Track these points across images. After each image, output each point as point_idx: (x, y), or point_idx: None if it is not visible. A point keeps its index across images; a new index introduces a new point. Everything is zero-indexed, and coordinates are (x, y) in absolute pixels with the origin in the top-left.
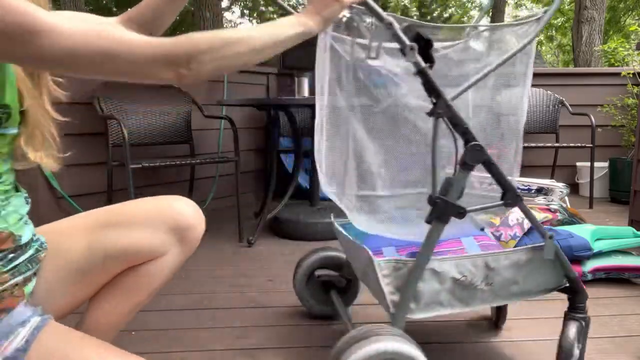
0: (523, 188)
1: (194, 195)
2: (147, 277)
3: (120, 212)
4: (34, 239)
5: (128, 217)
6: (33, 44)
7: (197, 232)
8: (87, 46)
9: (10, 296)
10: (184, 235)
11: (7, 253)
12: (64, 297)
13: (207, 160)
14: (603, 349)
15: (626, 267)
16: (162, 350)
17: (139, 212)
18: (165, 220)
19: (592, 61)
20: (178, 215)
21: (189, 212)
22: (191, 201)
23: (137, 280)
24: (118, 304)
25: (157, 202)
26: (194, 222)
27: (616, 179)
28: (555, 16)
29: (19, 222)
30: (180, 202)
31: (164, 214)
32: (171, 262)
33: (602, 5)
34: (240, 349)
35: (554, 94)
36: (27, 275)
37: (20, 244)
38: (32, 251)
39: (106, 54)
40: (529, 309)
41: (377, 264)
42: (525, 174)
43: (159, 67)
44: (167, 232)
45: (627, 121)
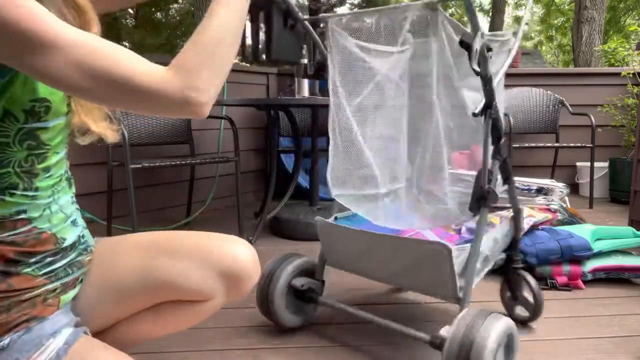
0: (523, 188)
1: (194, 195)
2: (186, 315)
3: (178, 243)
4: (81, 241)
5: (185, 251)
6: (44, 56)
7: (250, 283)
8: (100, 73)
9: (42, 304)
10: (235, 285)
11: (46, 256)
12: (102, 314)
13: (207, 160)
14: (603, 349)
15: (626, 267)
16: (162, 350)
17: (197, 249)
18: (221, 267)
19: (592, 61)
20: (235, 265)
21: (247, 262)
22: (250, 247)
23: (176, 314)
24: (151, 328)
25: (217, 244)
26: (249, 273)
27: (616, 179)
28: (555, 16)
29: (65, 222)
30: (240, 249)
31: (223, 261)
32: (214, 308)
33: (602, 5)
34: (240, 349)
35: (554, 94)
36: (67, 281)
37: (63, 246)
38: (74, 254)
39: (121, 88)
40: None
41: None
42: (525, 174)
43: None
44: (219, 279)
45: (627, 121)
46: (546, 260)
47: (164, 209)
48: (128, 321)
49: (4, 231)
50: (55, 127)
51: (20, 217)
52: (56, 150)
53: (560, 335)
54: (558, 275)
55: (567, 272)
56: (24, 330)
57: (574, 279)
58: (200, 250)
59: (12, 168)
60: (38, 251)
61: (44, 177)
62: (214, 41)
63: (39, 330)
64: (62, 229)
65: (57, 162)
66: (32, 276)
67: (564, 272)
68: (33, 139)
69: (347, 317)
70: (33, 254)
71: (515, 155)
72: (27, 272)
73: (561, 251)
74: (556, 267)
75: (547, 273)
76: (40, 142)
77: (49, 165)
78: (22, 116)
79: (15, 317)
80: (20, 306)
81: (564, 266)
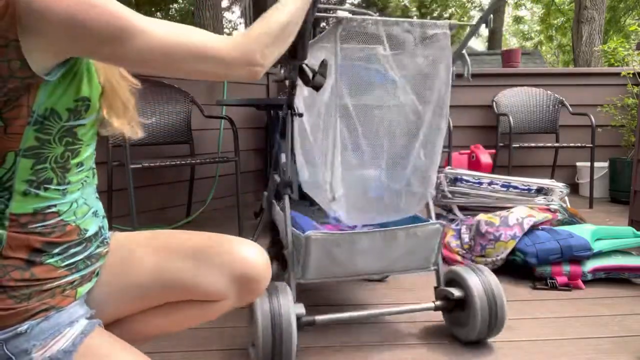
0: (523, 188)
1: (194, 195)
2: (197, 314)
3: (194, 244)
4: (101, 232)
5: (200, 251)
6: (124, 45)
7: (262, 286)
8: (179, 49)
9: (61, 294)
10: (248, 287)
11: (69, 247)
12: (114, 309)
13: (207, 160)
14: (603, 349)
15: (626, 267)
16: (162, 350)
17: (212, 251)
18: (236, 270)
19: (592, 61)
20: (249, 269)
21: (260, 266)
22: (263, 252)
23: (187, 312)
24: (161, 323)
25: (232, 247)
26: (262, 276)
27: (616, 179)
28: (555, 16)
29: (87, 214)
30: (254, 253)
31: (238, 264)
32: (225, 308)
33: (602, 5)
34: (240, 349)
35: (554, 94)
36: (85, 274)
37: (86, 236)
38: (94, 247)
39: (195, 57)
40: (529, 309)
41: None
42: (525, 174)
43: (238, 69)
44: (232, 281)
45: (627, 121)
46: (546, 260)
47: (164, 209)
48: (139, 315)
49: (34, 223)
50: (90, 123)
51: (50, 211)
52: (88, 143)
53: (560, 335)
54: (558, 275)
55: (567, 272)
56: (42, 318)
57: (574, 279)
58: (215, 252)
59: (49, 164)
60: (63, 241)
61: (76, 171)
62: (279, 23)
63: (57, 319)
64: (85, 220)
65: (88, 155)
66: (54, 267)
67: (564, 272)
68: (71, 136)
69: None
70: (58, 244)
71: (515, 155)
72: (50, 263)
73: (561, 251)
74: (556, 267)
75: (547, 273)
76: (76, 138)
77: (81, 160)
78: (65, 114)
79: (35, 306)
80: (41, 295)
81: (564, 266)
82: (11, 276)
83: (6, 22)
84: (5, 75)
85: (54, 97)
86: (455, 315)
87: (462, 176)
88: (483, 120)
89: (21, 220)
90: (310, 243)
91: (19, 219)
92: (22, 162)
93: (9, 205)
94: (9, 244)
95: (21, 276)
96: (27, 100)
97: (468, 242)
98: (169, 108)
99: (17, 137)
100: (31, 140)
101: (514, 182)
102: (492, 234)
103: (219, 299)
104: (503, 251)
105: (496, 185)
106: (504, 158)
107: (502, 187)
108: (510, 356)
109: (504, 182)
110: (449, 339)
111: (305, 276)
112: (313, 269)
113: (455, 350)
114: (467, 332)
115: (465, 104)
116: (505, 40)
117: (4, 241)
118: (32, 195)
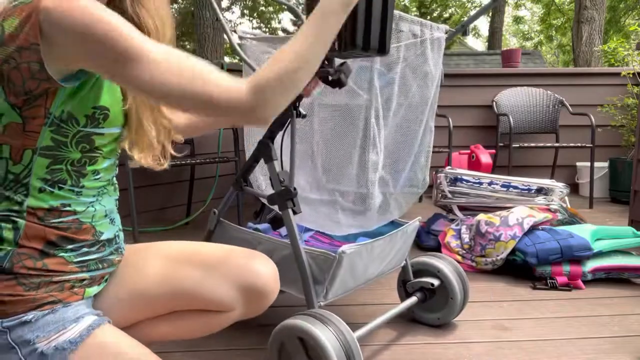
0: (523, 188)
1: (194, 195)
2: (203, 323)
3: (204, 256)
4: (116, 240)
5: (209, 262)
6: (127, 68)
7: (269, 299)
8: (178, 86)
9: (69, 290)
10: (255, 300)
11: (83, 245)
12: (121, 315)
13: (207, 160)
14: (603, 349)
15: (626, 267)
16: (162, 350)
17: (222, 263)
18: (243, 280)
19: (592, 61)
20: (258, 281)
21: (269, 279)
22: (272, 265)
23: (193, 321)
24: (166, 330)
25: (242, 259)
26: (270, 289)
27: (616, 179)
28: (555, 16)
29: (104, 218)
30: (264, 266)
31: (246, 276)
32: (231, 319)
33: (602, 5)
34: (240, 349)
35: (554, 94)
36: (95, 275)
37: (100, 239)
38: (108, 251)
39: (201, 103)
40: (529, 309)
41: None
42: (525, 174)
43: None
44: (240, 292)
45: (627, 121)
46: (546, 260)
47: (164, 209)
48: (146, 320)
49: (52, 217)
50: (109, 135)
51: (66, 209)
52: (108, 156)
53: (560, 335)
54: (558, 275)
55: (567, 272)
56: (48, 310)
57: (574, 279)
58: (225, 264)
59: (65, 165)
60: (77, 239)
61: (92, 179)
62: (296, 64)
63: (63, 313)
64: (102, 223)
65: (106, 167)
66: (66, 261)
67: (564, 272)
68: (88, 142)
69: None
70: (73, 240)
71: (515, 155)
72: (63, 256)
73: (561, 251)
74: (556, 267)
75: (547, 273)
76: (94, 147)
77: (98, 169)
78: (83, 120)
79: (42, 297)
80: (49, 287)
81: (564, 266)
82: (24, 264)
83: (30, 28)
84: (26, 76)
85: (72, 102)
86: (428, 303)
87: (462, 176)
88: (483, 120)
89: (38, 214)
90: (343, 259)
91: (36, 212)
92: (38, 160)
93: (26, 200)
94: (26, 233)
95: (34, 265)
96: (45, 102)
97: (468, 242)
98: None
99: (35, 136)
100: (47, 140)
101: (514, 182)
102: (492, 234)
103: (226, 309)
104: (503, 251)
105: (496, 185)
106: (504, 158)
107: (502, 187)
108: (510, 356)
109: (504, 182)
110: (451, 338)
111: (327, 297)
112: (336, 288)
113: (456, 350)
114: (443, 315)
115: (465, 104)
116: (505, 40)
117: (22, 230)
118: (47, 192)
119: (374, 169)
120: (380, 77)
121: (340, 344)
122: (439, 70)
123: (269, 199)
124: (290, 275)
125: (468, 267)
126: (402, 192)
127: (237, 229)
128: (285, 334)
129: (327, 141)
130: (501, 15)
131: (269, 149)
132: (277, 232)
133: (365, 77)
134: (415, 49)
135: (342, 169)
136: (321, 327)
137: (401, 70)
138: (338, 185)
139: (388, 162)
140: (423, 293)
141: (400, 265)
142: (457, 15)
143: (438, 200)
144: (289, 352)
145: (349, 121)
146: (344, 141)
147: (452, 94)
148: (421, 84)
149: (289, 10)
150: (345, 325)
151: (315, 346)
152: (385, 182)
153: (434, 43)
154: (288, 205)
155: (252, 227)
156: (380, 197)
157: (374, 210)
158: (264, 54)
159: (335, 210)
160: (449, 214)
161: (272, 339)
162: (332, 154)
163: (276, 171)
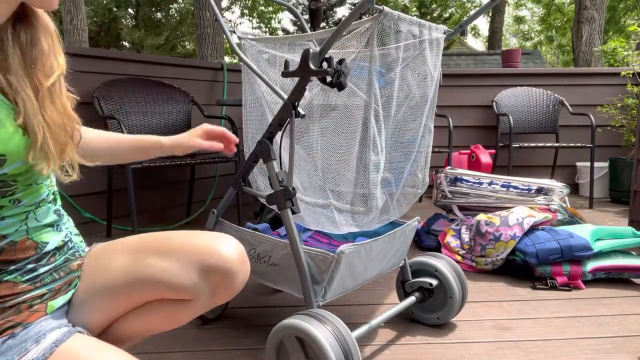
0: (523, 188)
1: (194, 195)
2: (171, 314)
3: (166, 242)
4: (68, 245)
5: (171, 247)
6: None
7: (237, 280)
8: None
9: (28, 310)
10: (221, 283)
11: (27, 263)
12: (94, 315)
13: (207, 160)
14: (603, 349)
15: (626, 267)
16: (162, 350)
17: (183, 247)
18: (204, 262)
19: (592, 61)
20: (219, 261)
21: (231, 259)
22: (238, 244)
23: (160, 313)
24: (137, 326)
25: (203, 241)
26: (234, 270)
27: (616, 179)
28: (555, 16)
29: (45, 228)
30: (225, 245)
31: (206, 257)
32: (200, 307)
33: (602, 5)
34: (240, 349)
35: (554, 94)
36: (54, 287)
37: (45, 251)
38: (61, 260)
39: None
40: (529, 309)
41: None
42: (525, 174)
43: None
44: (203, 275)
45: (627, 121)
46: (546, 260)
47: (164, 209)
48: (117, 320)
49: None
50: (16, 169)
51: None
52: (27, 183)
53: (560, 335)
54: (558, 275)
55: (567, 272)
56: (8, 336)
57: (574, 279)
58: (185, 247)
59: None
60: (18, 258)
61: (13, 208)
62: None
63: (24, 335)
64: (43, 234)
65: (29, 192)
66: (14, 283)
67: (564, 272)
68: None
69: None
70: (13, 261)
71: (515, 155)
72: (8, 280)
73: (561, 251)
74: (556, 267)
75: (547, 273)
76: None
77: (17, 198)
78: None
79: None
80: (5, 313)
81: (564, 266)
82: None
83: None
84: None
85: None
86: (427, 303)
87: (462, 176)
88: (483, 120)
89: None
90: (342, 259)
91: None
92: None
93: None
94: None
95: None
96: None
97: (468, 242)
98: (169, 108)
99: None
100: None
101: (514, 182)
102: (492, 234)
103: (191, 296)
104: (503, 251)
105: (496, 185)
106: (504, 158)
107: (502, 187)
108: (510, 356)
109: (504, 182)
110: (451, 338)
111: (325, 297)
112: (335, 288)
113: (456, 349)
114: (442, 315)
115: (465, 104)
116: (505, 40)
117: None
118: None
119: (375, 169)
120: (379, 78)
121: (339, 344)
122: (438, 70)
123: (267, 199)
124: (289, 275)
125: (468, 267)
126: (402, 193)
127: (236, 229)
128: (283, 334)
129: (327, 141)
130: (501, 15)
131: (268, 148)
132: (276, 232)
133: (364, 78)
134: (414, 50)
135: (342, 170)
136: (319, 326)
137: (400, 70)
138: (337, 187)
139: (388, 162)
140: (422, 293)
141: (399, 265)
142: (457, 15)
143: (438, 200)
144: (287, 352)
145: (347, 121)
146: (344, 141)
147: (452, 94)
148: (420, 84)
149: (288, 10)
150: (343, 325)
151: (313, 346)
152: (385, 182)
153: (433, 43)
154: (287, 205)
155: (251, 227)
156: (382, 197)
157: (375, 211)
158: (261, 54)
159: (335, 211)
160: (449, 214)
161: (271, 338)
162: (331, 155)
163: (275, 171)
